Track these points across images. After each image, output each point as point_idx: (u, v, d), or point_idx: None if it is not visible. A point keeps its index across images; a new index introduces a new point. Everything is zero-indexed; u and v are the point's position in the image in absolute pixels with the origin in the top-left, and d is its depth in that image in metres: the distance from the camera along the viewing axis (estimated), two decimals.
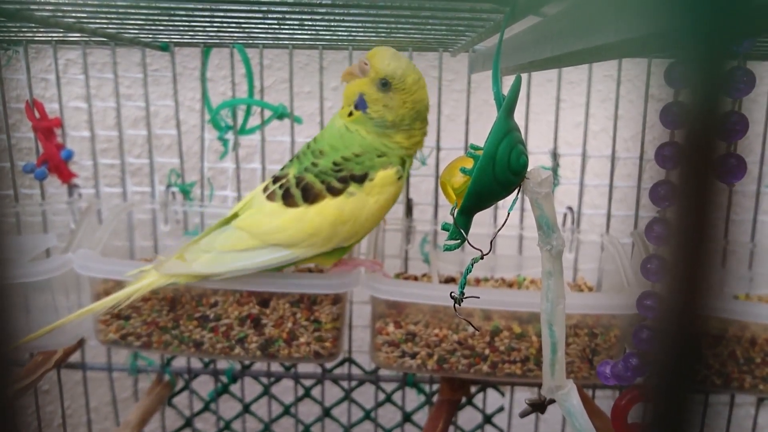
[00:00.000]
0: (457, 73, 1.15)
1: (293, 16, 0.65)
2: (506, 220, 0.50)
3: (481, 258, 0.48)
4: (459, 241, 0.47)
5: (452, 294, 0.50)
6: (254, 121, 1.03)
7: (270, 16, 0.63)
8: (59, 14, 0.65)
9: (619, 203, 1.05)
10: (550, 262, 0.50)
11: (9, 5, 0.58)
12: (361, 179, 0.80)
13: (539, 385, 1.03)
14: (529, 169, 0.47)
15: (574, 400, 0.55)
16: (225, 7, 0.59)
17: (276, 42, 0.95)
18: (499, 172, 0.44)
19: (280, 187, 0.81)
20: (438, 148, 1.01)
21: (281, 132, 1.09)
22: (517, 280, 1.02)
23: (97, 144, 1.05)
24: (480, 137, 0.46)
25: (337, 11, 0.59)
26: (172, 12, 0.63)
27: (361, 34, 0.79)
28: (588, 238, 1.00)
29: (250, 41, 0.96)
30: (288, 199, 0.80)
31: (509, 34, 0.62)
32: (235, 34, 0.86)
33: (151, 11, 0.63)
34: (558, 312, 0.52)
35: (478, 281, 1.01)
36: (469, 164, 0.46)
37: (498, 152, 0.44)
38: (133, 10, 0.62)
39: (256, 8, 0.58)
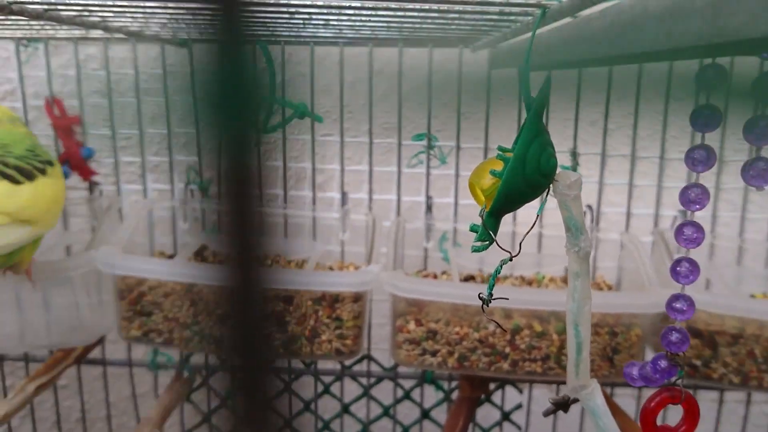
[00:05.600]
0: (469, 66, 1.14)
1: (320, 17, 0.65)
2: (535, 222, 0.50)
3: (510, 260, 0.48)
4: (487, 242, 0.48)
5: (480, 295, 0.50)
6: (275, 118, 1.03)
7: (297, 16, 0.64)
8: (86, 14, 0.65)
9: (638, 201, 1.05)
10: (577, 263, 0.50)
11: (37, 5, 0.59)
12: (50, 163, 0.82)
13: (558, 383, 1.04)
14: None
15: (598, 400, 0.55)
16: (253, 8, 0.59)
17: (298, 39, 0.95)
18: (529, 175, 0.44)
19: None
20: (458, 147, 1.02)
21: (298, 130, 1.08)
22: (536, 278, 1.02)
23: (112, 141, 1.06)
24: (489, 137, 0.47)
25: (364, 12, 0.59)
26: (198, 12, 0.63)
27: (385, 32, 0.79)
28: (607, 237, 1.00)
29: (272, 39, 0.96)
30: (7, 178, 0.77)
31: (526, 34, 0.62)
32: (258, 32, 0.86)
33: (177, 10, 0.63)
34: (584, 312, 0.52)
35: (497, 279, 1.00)
36: (499, 166, 0.46)
37: (528, 155, 0.44)
38: (160, 10, 0.62)
39: (284, 9, 0.59)
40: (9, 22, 0.76)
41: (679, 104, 1.02)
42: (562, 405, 0.58)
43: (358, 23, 0.69)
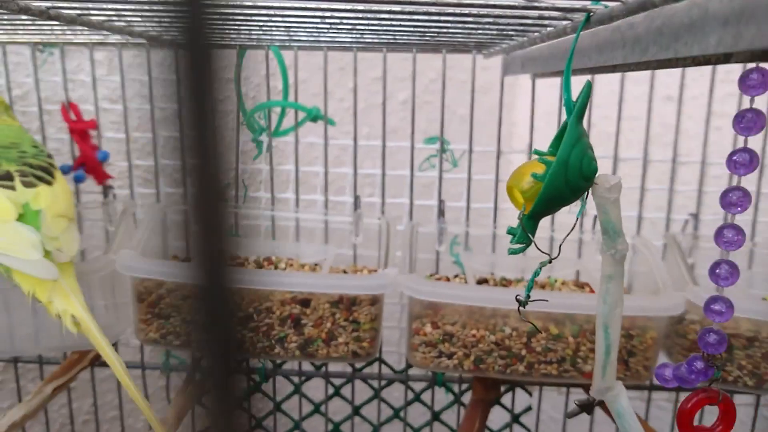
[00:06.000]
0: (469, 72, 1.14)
1: (348, 22, 0.65)
2: (575, 225, 0.51)
3: (549, 262, 0.49)
4: (524, 244, 0.48)
5: (518, 297, 0.51)
6: (287, 122, 1.03)
7: (326, 21, 0.64)
8: (115, 18, 0.66)
9: (648, 205, 1.06)
10: (612, 266, 0.51)
11: (71, 10, 0.59)
12: (51, 156, 0.83)
13: (572, 386, 1.04)
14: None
15: (623, 402, 0.56)
16: (288, 13, 0.59)
17: (314, 44, 0.96)
18: (571, 178, 0.45)
19: (23, 175, 0.77)
20: (470, 150, 1.02)
21: (309, 133, 1.09)
22: (548, 281, 1.02)
23: (121, 145, 1.06)
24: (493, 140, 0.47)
25: (398, 16, 0.59)
26: (230, 16, 0.64)
27: (405, 37, 0.79)
28: None
29: (288, 43, 0.96)
30: (43, 180, 0.77)
31: (558, 38, 0.63)
32: (277, 37, 0.86)
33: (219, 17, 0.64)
34: (615, 315, 0.52)
35: (509, 282, 1.01)
36: (537, 169, 0.46)
37: (571, 158, 0.45)
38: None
39: (319, 14, 0.59)
40: (33, 27, 0.76)
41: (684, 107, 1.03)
42: (587, 406, 0.58)
43: (385, 27, 0.69)
